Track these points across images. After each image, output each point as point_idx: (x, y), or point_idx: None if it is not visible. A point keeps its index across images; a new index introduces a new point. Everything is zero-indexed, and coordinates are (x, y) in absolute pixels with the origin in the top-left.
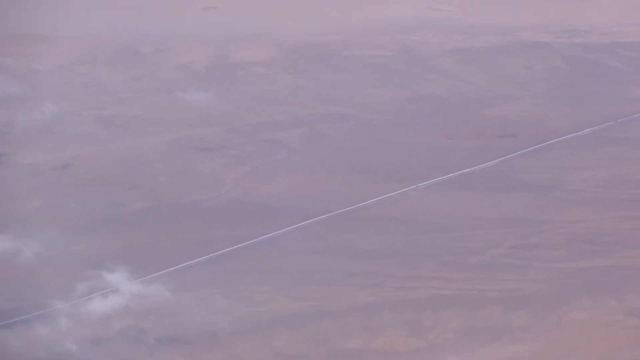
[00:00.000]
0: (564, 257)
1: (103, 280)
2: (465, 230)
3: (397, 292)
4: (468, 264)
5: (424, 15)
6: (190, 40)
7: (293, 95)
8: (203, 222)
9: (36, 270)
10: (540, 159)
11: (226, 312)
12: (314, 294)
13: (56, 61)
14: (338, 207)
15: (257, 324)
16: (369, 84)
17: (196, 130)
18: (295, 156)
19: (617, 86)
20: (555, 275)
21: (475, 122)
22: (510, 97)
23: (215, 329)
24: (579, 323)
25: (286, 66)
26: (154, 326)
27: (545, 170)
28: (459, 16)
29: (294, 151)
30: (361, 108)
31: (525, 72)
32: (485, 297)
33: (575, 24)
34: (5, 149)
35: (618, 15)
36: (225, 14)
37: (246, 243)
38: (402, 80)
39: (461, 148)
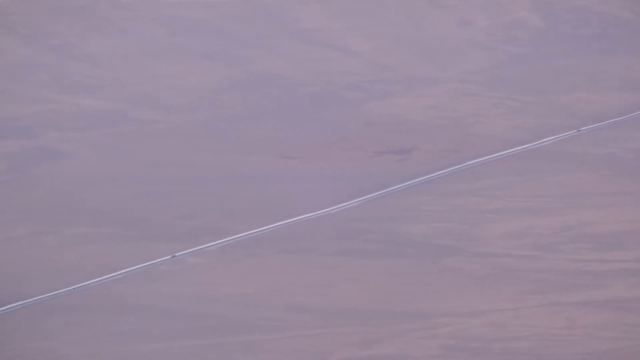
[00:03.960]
0: None
1: None
2: (260, 330)
3: None
4: None
5: None
6: None
7: (10, 80)
8: None
9: None
10: (442, 196)
11: None
12: None
13: None
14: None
15: None
16: (159, 58)
17: None
18: None
19: (605, 57)
20: None
21: (344, 128)
22: (419, 81)
23: None
24: None
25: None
26: None
27: (445, 216)
28: None
29: None
30: (134, 102)
31: (459, 33)
32: None
33: None
34: None
35: None
36: None
37: None
38: (228, 50)
39: (303, 176)
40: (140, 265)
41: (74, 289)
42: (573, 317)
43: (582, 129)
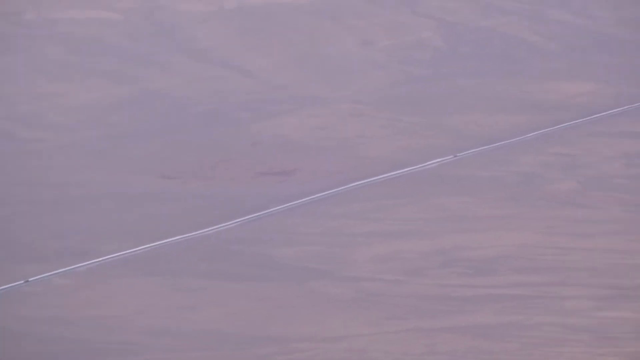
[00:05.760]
0: None
1: None
2: (112, 354)
3: None
4: None
5: None
6: None
7: None
8: None
9: None
10: (318, 218)
11: None
12: None
13: None
14: None
15: None
16: (52, 76)
17: None
18: None
19: (524, 79)
20: None
21: (230, 148)
22: (311, 101)
23: None
24: None
25: None
26: None
27: (319, 239)
28: None
29: None
30: (22, 121)
31: (359, 53)
32: None
33: None
34: None
35: None
36: None
37: None
38: (122, 68)
39: (181, 197)
40: (1, 287)
41: None
42: (433, 343)
43: (459, 154)
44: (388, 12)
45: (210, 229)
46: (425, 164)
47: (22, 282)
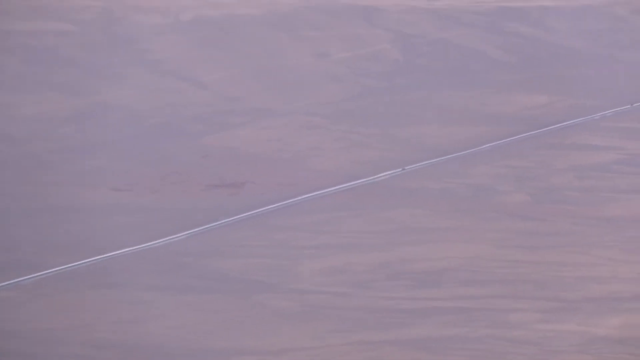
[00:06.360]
0: None
1: None
2: None
3: None
4: None
5: None
6: None
7: None
8: None
9: None
10: (268, 231)
11: None
12: None
13: None
14: None
15: None
16: (4, 88)
17: None
18: None
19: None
20: None
21: (181, 160)
22: (264, 113)
23: None
24: None
25: None
26: None
27: (267, 251)
28: None
29: None
30: None
31: (314, 65)
32: None
33: None
34: None
35: None
36: None
37: None
38: (76, 80)
39: (131, 209)
40: None
41: None
42: (377, 356)
43: (408, 167)
44: (345, 24)
45: (158, 241)
46: (376, 176)
47: None
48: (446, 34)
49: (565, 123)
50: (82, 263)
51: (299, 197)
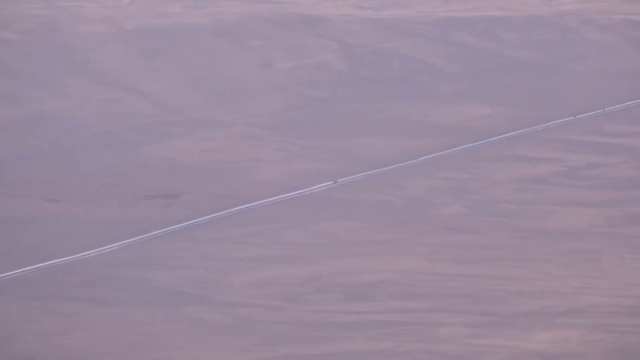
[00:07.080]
0: None
1: None
2: None
3: None
4: None
5: None
6: None
7: None
8: None
9: None
10: (200, 242)
11: None
12: None
13: None
14: None
15: None
16: None
17: None
18: None
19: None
20: None
21: (118, 171)
22: (204, 124)
23: None
24: None
25: None
26: None
27: (199, 263)
28: None
29: None
30: None
31: (258, 75)
32: None
33: None
34: None
35: None
36: None
37: None
38: (16, 89)
39: (63, 220)
40: None
41: None
42: None
43: (341, 179)
44: (290, 33)
45: (88, 252)
46: (312, 188)
47: None
48: (391, 45)
49: (506, 135)
50: (11, 274)
51: (232, 209)
